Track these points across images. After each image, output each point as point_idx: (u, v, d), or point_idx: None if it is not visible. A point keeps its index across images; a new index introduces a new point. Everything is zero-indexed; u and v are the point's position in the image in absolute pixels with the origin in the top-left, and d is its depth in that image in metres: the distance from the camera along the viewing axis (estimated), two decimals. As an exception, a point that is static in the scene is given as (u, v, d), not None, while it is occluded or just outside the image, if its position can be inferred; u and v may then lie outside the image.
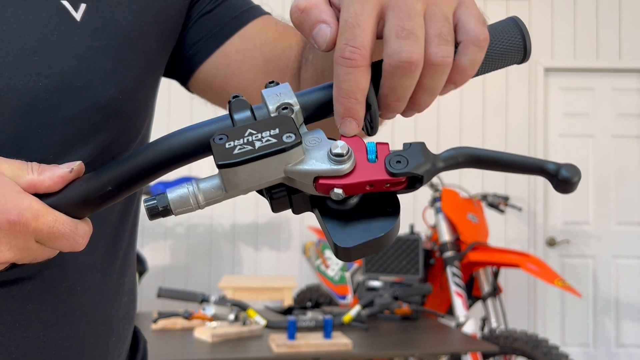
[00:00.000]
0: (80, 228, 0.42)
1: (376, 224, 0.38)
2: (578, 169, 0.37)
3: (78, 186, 0.42)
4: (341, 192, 0.37)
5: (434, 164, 0.38)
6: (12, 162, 0.42)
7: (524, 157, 0.38)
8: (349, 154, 0.38)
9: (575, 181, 0.36)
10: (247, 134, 0.38)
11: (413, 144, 0.39)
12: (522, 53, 0.43)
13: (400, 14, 0.38)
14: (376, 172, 0.38)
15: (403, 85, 0.39)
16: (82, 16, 0.53)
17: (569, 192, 0.37)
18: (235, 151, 0.37)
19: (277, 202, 0.40)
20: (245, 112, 0.40)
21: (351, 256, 0.38)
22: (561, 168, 0.37)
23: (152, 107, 0.66)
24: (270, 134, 0.37)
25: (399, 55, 0.37)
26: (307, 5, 0.41)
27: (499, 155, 0.39)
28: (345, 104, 0.39)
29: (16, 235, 0.39)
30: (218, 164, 0.37)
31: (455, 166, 0.39)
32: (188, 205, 0.40)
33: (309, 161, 0.38)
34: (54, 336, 0.53)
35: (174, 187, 0.40)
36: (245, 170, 0.37)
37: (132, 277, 0.67)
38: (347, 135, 0.39)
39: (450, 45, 0.39)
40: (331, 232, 0.38)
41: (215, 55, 0.68)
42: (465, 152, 0.39)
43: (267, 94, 0.41)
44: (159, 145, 0.41)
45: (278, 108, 0.40)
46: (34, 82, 0.49)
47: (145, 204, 0.40)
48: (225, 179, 0.38)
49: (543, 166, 0.37)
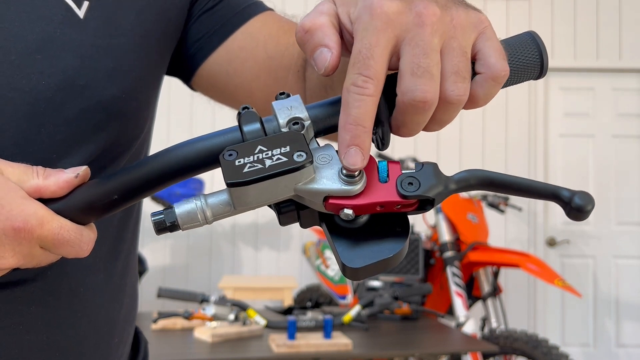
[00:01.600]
0: (85, 234, 0.41)
1: (385, 244, 0.38)
2: (591, 197, 0.36)
3: (83, 192, 0.41)
4: (351, 212, 0.37)
5: (447, 186, 0.38)
6: (17, 166, 0.41)
7: (537, 183, 0.38)
8: (360, 174, 0.37)
9: (588, 210, 0.36)
10: (257, 151, 0.37)
11: (425, 165, 0.38)
12: (539, 69, 0.42)
13: (417, 50, 0.37)
14: (387, 193, 0.37)
15: (416, 121, 0.38)
16: (86, 14, 0.53)
17: (581, 219, 0.36)
18: (245, 169, 0.36)
19: (285, 217, 0.40)
20: (254, 125, 0.39)
21: (359, 276, 0.37)
22: (575, 196, 0.36)
23: (154, 107, 0.66)
24: (281, 152, 0.37)
25: (413, 93, 0.36)
26: (311, 26, 0.40)
27: (512, 180, 0.38)
28: (353, 131, 0.37)
29: (20, 241, 0.39)
30: (228, 183, 0.36)
31: (468, 188, 0.39)
32: (196, 221, 0.39)
33: (320, 180, 0.37)
34: (57, 338, 0.53)
35: (181, 202, 0.39)
36: (254, 189, 0.36)
37: (134, 278, 0.67)
38: (351, 168, 0.37)
39: (466, 83, 0.38)
40: (339, 251, 0.37)
41: (217, 52, 0.67)
42: (478, 174, 0.38)
43: (278, 107, 0.40)
44: (166, 155, 0.40)
45: (289, 122, 0.39)
46: (36, 81, 0.49)
47: (152, 218, 0.39)
48: (235, 197, 0.37)
49: (557, 192, 0.37)
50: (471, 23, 0.39)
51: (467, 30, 0.39)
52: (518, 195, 0.38)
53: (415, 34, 0.37)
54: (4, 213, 0.38)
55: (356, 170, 0.37)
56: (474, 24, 0.39)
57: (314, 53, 0.40)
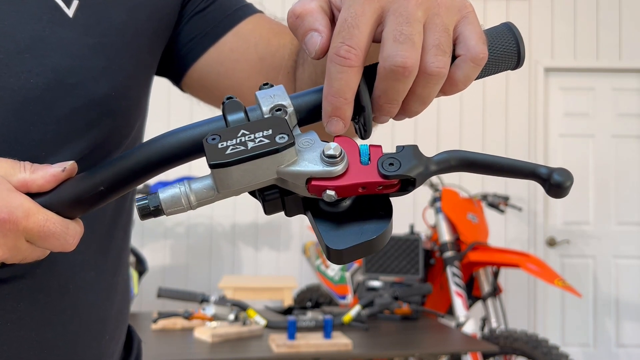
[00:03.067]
0: (71, 228, 0.42)
1: (368, 226, 0.38)
2: (570, 173, 0.37)
3: (70, 186, 0.42)
4: (333, 193, 0.37)
5: (427, 167, 0.38)
6: (4, 161, 0.42)
7: (517, 161, 0.38)
8: (341, 155, 0.37)
9: (567, 185, 0.36)
10: (240, 135, 0.37)
11: (406, 147, 0.39)
12: (516, 59, 0.43)
13: (400, 19, 0.38)
14: (369, 174, 0.38)
15: (395, 89, 0.39)
16: (75, 13, 0.53)
17: (561, 196, 0.37)
18: (228, 151, 0.37)
19: (269, 204, 0.40)
20: (238, 114, 0.40)
21: (343, 258, 0.37)
22: (553, 172, 0.37)
23: (145, 105, 0.66)
24: (263, 134, 0.37)
25: (394, 58, 0.37)
26: (302, 11, 0.41)
27: (492, 159, 0.38)
28: (334, 103, 0.39)
29: (6, 233, 0.39)
30: (210, 164, 0.36)
31: (448, 169, 0.39)
32: (179, 205, 0.39)
33: (302, 162, 0.38)
34: (47, 336, 0.53)
35: (166, 187, 0.40)
36: (237, 170, 0.37)
37: (125, 276, 0.67)
38: (333, 134, 0.39)
39: (447, 57, 0.39)
40: (323, 234, 0.38)
41: (208, 53, 0.67)
42: (458, 155, 0.39)
43: (261, 96, 0.41)
44: (151, 145, 0.41)
45: (272, 110, 0.40)
46: (25, 80, 0.49)
47: (136, 203, 0.39)
48: (218, 179, 0.38)
49: (535, 170, 0.37)
50: (455, 6, 0.40)
51: (451, 11, 0.40)
52: (498, 175, 0.39)
53: (400, 5, 0.38)
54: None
55: (338, 134, 0.39)
56: (458, 8, 0.40)
57: (304, 37, 0.41)
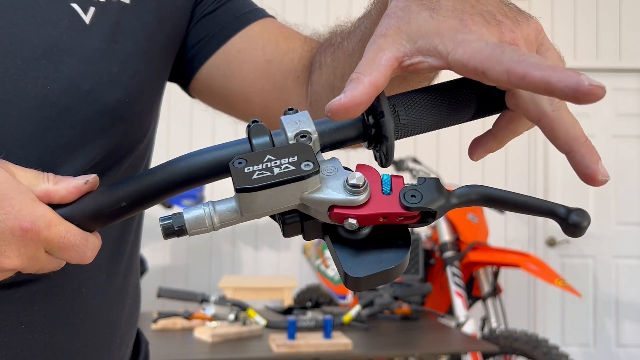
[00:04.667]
0: (90, 241, 0.42)
1: (387, 255, 0.38)
2: (587, 214, 0.37)
3: (92, 199, 0.42)
4: (355, 222, 0.37)
5: (448, 200, 0.39)
6: (28, 171, 0.42)
7: (536, 200, 0.39)
8: (364, 185, 0.38)
9: (584, 226, 0.37)
10: (266, 160, 0.38)
11: (427, 179, 0.39)
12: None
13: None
14: (390, 205, 0.38)
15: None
16: (92, 19, 0.53)
17: (577, 236, 0.38)
18: (254, 176, 0.37)
19: (289, 227, 0.40)
20: (264, 138, 0.40)
21: (360, 286, 0.38)
22: (571, 213, 0.37)
23: (157, 111, 0.66)
24: (289, 161, 0.38)
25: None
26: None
27: (511, 196, 0.39)
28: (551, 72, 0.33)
29: (27, 242, 0.39)
30: (237, 188, 0.37)
31: (468, 204, 0.39)
32: (203, 226, 0.40)
33: (325, 190, 0.38)
34: (59, 338, 0.53)
35: (190, 208, 0.40)
36: (262, 195, 0.37)
37: (136, 280, 0.67)
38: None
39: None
40: (342, 260, 0.38)
41: (216, 55, 0.67)
42: (479, 191, 0.39)
43: (286, 121, 0.41)
44: (176, 164, 0.41)
45: (296, 135, 0.40)
46: (42, 86, 0.49)
47: (161, 222, 0.40)
48: (242, 203, 0.38)
49: (554, 209, 0.38)
50: (534, 36, 0.40)
51: (533, 43, 0.39)
52: (516, 211, 0.39)
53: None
54: (13, 212, 0.39)
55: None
56: (535, 36, 0.40)
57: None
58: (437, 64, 0.38)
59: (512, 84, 0.34)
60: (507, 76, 0.34)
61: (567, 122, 0.37)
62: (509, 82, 0.34)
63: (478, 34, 0.37)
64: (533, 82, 0.33)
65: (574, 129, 0.37)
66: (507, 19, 0.39)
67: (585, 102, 0.32)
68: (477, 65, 0.36)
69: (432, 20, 0.38)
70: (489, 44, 0.36)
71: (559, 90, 0.32)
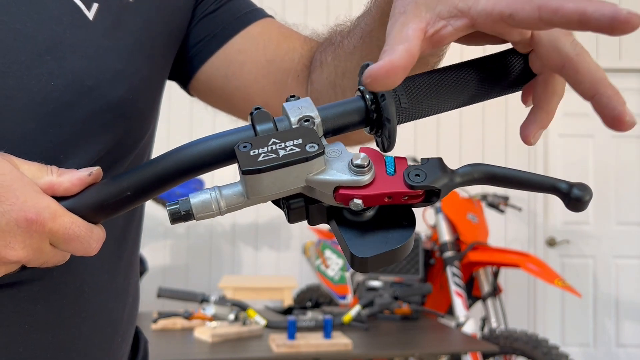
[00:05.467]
0: (95, 232, 0.42)
1: (392, 235, 0.39)
2: (589, 188, 0.38)
3: (95, 190, 0.42)
4: (360, 202, 0.38)
5: (452, 178, 0.39)
6: (32, 164, 0.42)
7: (538, 176, 0.39)
8: (369, 165, 0.38)
9: (587, 200, 0.37)
10: (270, 143, 0.38)
11: (431, 159, 0.40)
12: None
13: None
14: (395, 184, 0.38)
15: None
16: (95, 16, 0.53)
17: (580, 210, 0.38)
18: (260, 158, 0.37)
19: (294, 212, 0.41)
20: (267, 124, 0.41)
21: (367, 267, 0.38)
22: (573, 187, 0.38)
23: (158, 108, 0.66)
24: (294, 143, 0.38)
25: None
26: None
27: (514, 173, 0.39)
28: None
29: (32, 234, 0.39)
30: (243, 170, 0.37)
31: (472, 182, 0.40)
32: (210, 210, 0.40)
33: (330, 171, 0.38)
34: (62, 337, 0.53)
35: (196, 192, 0.40)
36: (268, 177, 0.38)
37: (136, 278, 0.67)
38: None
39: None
40: (348, 242, 0.39)
41: (216, 55, 0.67)
42: (482, 169, 0.40)
43: (289, 107, 0.41)
44: (180, 152, 0.41)
45: (300, 120, 0.40)
46: (45, 82, 0.49)
47: (168, 207, 0.40)
48: (249, 186, 0.39)
49: (556, 185, 0.38)
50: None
51: None
52: (519, 188, 0.40)
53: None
54: (18, 204, 0.39)
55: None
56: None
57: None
58: (460, 25, 0.38)
59: (543, 20, 0.34)
60: (538, 12, 0.34)
61: (592, 64, 0.37)
62: (539, 19, 0.34)
63: None
64: (567, 15, 0.32)
65: (599, 72, 0.37)
66: None
67: (621, 31, 0.31)
68: (503, 9, 0.35)
69: None
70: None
71: (594, 19, 0.32)
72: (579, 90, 0.37)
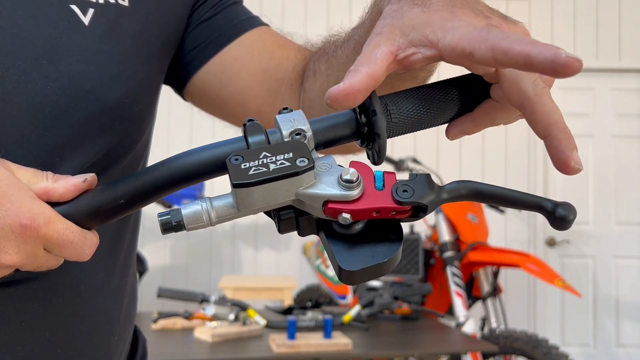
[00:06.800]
0: (88, 238, 0.43)
1: (380, 249, 0.39)
2: (573, 207, 0.38)
3: (90, 197, 0.43)
4: (349, 216, 0.38)
5: (439, 195, 0.40)
6: (27, 170, 0.43)
7: (524, 194, 0.40)
8: (358, 180, 0.39)
9: (571, 219, 0.38)
10: (262, 157, 0.39)
11: (419, 175, 0.40)
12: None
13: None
14: (383, 199, 0.39)
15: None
16: (90, 21, 0.54)
17: (564, 229, 0.39)
18: (251, 172, 0.38)
19: (284, 223, 0.41)
20: (259, 136, 0.41)
21: (355, 279, 0.39)
22: (558, 206, 0.38)
23: (154, 111, 0.67)
24: (285, 157, 0.39)
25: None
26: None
27: (500, 191, 0.40)
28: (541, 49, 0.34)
29: (26, 239, 0.40)
30: (233, 184, 0.38)
31: (458, 198, 0.40)
32: (200, 221, 0.41)
33: (320, 185, 0.39)
34: (59, 336, 0.54)
35: (188, 204, 0.41)
36: (258, 190, 0.38)
37: (133, 277, 0.67)
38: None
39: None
40: (336, 254, 0.39)
41: (212, 61, 0.68)
42: (469, 186, 0.40)
43: (281, 120, 0.42)
44: (174, 162, 0.42)
45: (291, 133, 0.41)
46: (42, 86, 0.50)
47: (159, 218, 0.41)
48: (239, 198, 0.39)
49: (541, 203, 0.39)
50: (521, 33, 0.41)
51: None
52: (505, 206, 0.40)
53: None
54: (13, 209, 0.39)
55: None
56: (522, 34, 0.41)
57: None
58: (429, 54, 0.40)
59: (496, 60, 0.35)
60: (492, 53, 0.35)
61: (549, 106, 0.38)
62: (493, 58, 0.35)
63: (467, 21, 0.39)
64: (515, 57, 0.34)
65: (554, 114, 0.38)
66: (494, 16, 0.41)
67: (563, 74, 0.33)
68: (464, 47, 0.37)
69: (423, 14, 0.40)
70: (477, 28, 0.37)
71: (537, 62, 0.33)
72: (534, 129, 0.39)
